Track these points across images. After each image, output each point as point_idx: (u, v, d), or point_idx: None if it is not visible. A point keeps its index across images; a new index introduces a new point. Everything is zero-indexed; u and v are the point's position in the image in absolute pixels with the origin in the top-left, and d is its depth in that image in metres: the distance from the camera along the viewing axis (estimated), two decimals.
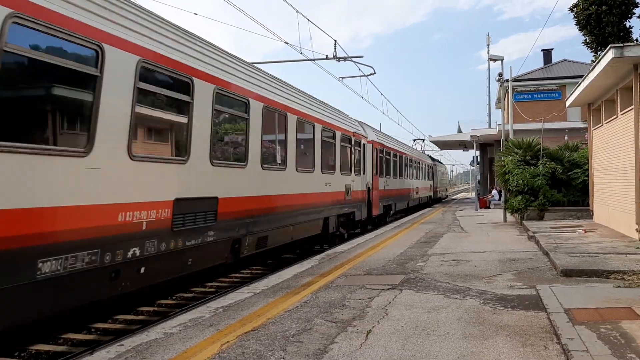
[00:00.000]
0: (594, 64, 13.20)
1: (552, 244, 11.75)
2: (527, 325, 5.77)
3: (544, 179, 19.55)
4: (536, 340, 5.24)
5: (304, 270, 9.81)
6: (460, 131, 43.91)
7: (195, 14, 18.02)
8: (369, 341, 5.37)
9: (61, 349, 6.99)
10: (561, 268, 8.75)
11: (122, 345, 5.40)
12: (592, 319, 5.82)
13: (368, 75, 23.82)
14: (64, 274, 5.68)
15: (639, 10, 27.57)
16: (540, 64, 40.54)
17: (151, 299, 9.25)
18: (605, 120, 15.37)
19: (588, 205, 18.50)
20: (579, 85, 15.40)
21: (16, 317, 5.57)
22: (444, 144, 48.82)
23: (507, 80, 23.95)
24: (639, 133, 11.58)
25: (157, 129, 8.10)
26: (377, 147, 21.85)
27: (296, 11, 17.33)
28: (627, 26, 27.19)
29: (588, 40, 27.89)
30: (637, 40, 26.78)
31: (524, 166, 20.40)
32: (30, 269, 5.30)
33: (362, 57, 21.34)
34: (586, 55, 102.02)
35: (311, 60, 20.56)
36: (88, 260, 6.00)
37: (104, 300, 7.38)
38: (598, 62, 12.50)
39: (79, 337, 7.43)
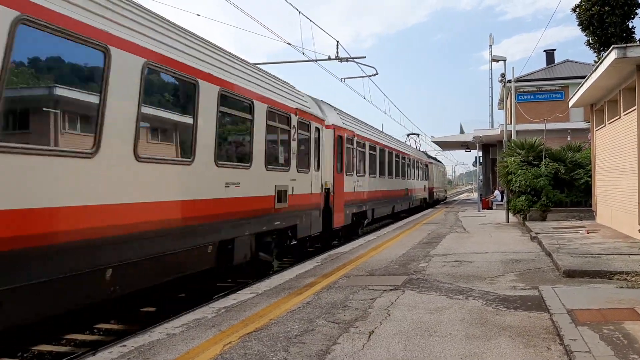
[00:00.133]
0: (597, 64, 13.19)
1: (555, 244, 11.74)
2: (529, 326, 5.76)
3: (546, 179, 19.52)
4: (539, 341, 5.23)
5: (306, 271, 9.82)
6: (462, 132, 43.90)
7: (198, 14, 18.04)
8: (372, 342, 5.36)
9: (64, 349, 7.01)
10: (564, 269, 8.73)
11: (125, 346, 5.41)
12: (595, 319, 5.81)
13: (370, 76, 23.80)
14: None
15: None
16: (543, 64, 40.48)
17: (153, 299, 9.26)
18: (608, 121, 15.34)
19: (591, 206, 18.47)
20: (581, 86, 15.38)
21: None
22: (446, 145, 48.79)
23: (509, 81, 23.94)
24: None
25: None
26: (344, 135, 16.56)
27: (298, 11, 17.35)
28: (630, 27, 27.16)
29: (591, 41, 27.85)
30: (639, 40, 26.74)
31: (526, 167, 20.38)
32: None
33: (364, 57, 21.31)
34: (589, 55, 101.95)
35: (313, 60, 20.56)
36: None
37: (101, 303, 7.37)
38: (601, 63, 12.48)
39: (81, 337, 7.45)
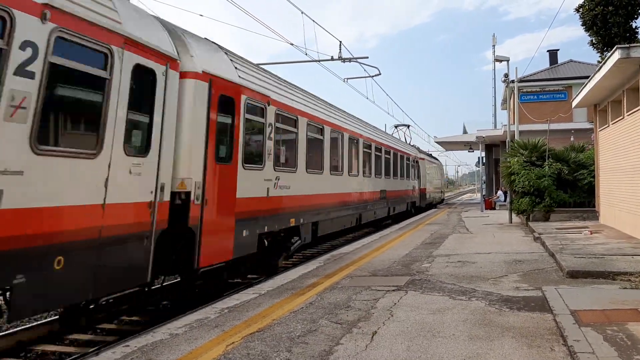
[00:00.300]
0: (600, 64, 13.17)
1: (558, 245, 11.71)
2: (533, 327, 5.74)
3: (549, 180, 19.49)
4: (542, 342, 5.22)
5: (309, 272, 9.82)
6: (465, 132, 43.80)
7: (201, 15, 18.07)
8: (375, 342, 5.36)
9: (67, 349, 7.02)
10: (567, 269, 8.71)
11: (128, 346, 5.41)
12: (599, 320, 5.79)
13: (373, 76, 23.78)
14: None
15: None
16: (546, 64, 40.39)
17: (155, 299, 9.26)
18: (611, 121, 15.31)
19: (594, 207, 18.43)
20: (585, 86, 15.35)
21: None
22: (449, 145, 48.71)
23: (512, 81, 23.89)
24: None
25: None
26: (239, 97, 9.51)
27: (301, 12, 17.37)
28: (634, 27, 27.07)
29: (594, 41, 27.78)
30: None
31: (529, 167, 20.34)
32: None
33: (367, 57, 21.29)
34: (592, 55, 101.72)
35: (316, 61, 20.57)
36: None
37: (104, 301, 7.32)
38: (604, 63, 12.46)
39: (84, 337, 7.46)
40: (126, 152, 6.54)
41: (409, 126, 36.03)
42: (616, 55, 11.19)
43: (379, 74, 23.33)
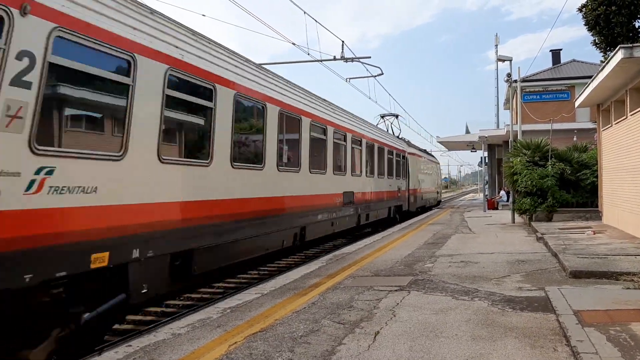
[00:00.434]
0: (603, 64, 13.14)
1: (561, 245, 11.69)
2: (536, 327, 5.73)
3: (552, 179, 19.44)
4: (545, 342, 5.21)
5: (311, 272, 9.81)
6: (468, 132, 43.79)
7: (203, 15, 18.07)
8: (377, 343, 5.35)
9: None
10: (570, 269, 8.69)
11: (130, 346, 5.42)
12: (602, 320, 5.78)
13: (376, 76, 23.77)
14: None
15: None
16: (549, 64, 40.39)
17: (158, 299, 9.28)
18: (614, 121, 15.27)
19: (597, 207, 18.39)
20: (588, 86, 15.32)
21: None
22: (452, 145, 48.71)
23: (515, 81, 23.86)
24: None
25: None
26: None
27: (303, 12, 17.37)
28: (637, 26, 26.99)
29: (597, 41, 27.70)
30: None
31: (532, 167, 20.30)
32: None
33: (369, 57, 21.31)
34: (595, 55, 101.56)
35: (318, 61, 20.57)
36: None
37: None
38: (607, 63, 12.43)
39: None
40: None
41: (397, 116, 29.63)
42: (619, 55, 11.16)
43: (382, 73, 23.32)
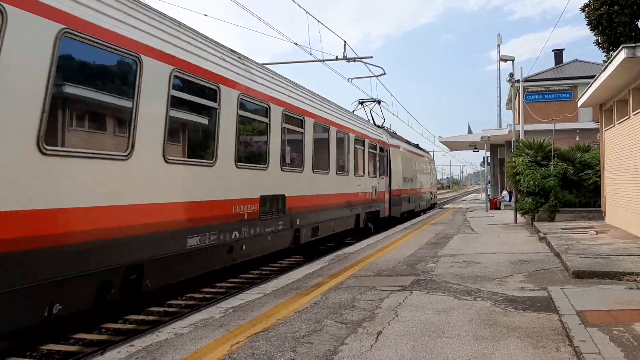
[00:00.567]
0: (606, 64, 13.11)
1: (564, 245, 11.67)
2: (538, 327, 5.72)
3: (555, 179, 19.42)
4: (548, 342, 5.20)
5: (313, 271, 9.81)
6: (470, 132, 43.76)
7: (205, 15, 18.09)
8: (379, 342, 5.35)
9: (72, 348, 7.03)
10: (573, 269, 8.68)
11: (133, 346, 5.42)
12: (605, 321, 5.77)
13: (378, 76, 23.74)
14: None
15: None
16: (551, 64, 40.29)
17: (161, 299, 9.29)
18: (617, 121, 15.25)
19: (599, 207, 18.36)
20: (590, 86, 15.29)
21: None
22: (454, 145, 48.67)
23: (517, 81, 23.84)
24: None
25: None
26: None
27: (306, 12, 17.39)
28: (639, 26, 26.95)
29: (599, 41, 27.63)
30: None
31: (534, 167, 20.27)
32: None
33: (372, 57, 21.29)
34: (597, 55, 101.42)
35: (321, 61, 20.57)
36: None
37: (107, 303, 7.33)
38: (610, 63, 12.41)
39: (89, 337, 7.47)
40: None
41: (380, 102, 25.03)
42: (622, 55, 11.15)
43: (384, 73, 23.31)
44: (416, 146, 31.64)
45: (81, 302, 6.45)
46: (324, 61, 20.63)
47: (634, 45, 11.17)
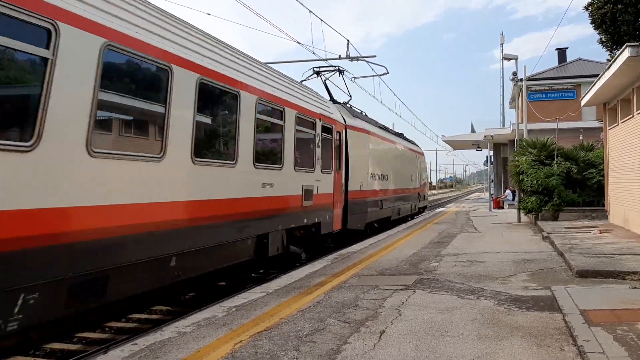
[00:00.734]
0: (610, 63, 13.07)
1: (567, 244, 11.64)
2: (542, 327, 5.71)
3: (558, 179, 19.37)
4: (552, 342, 5.18)
5: (316, 271, 9.81)
6: (473, 131, 43.61)
7: (209, 14, 18.12)
8: (383, 342, 5.34)
9: (75, 347, 7.05)
10: (576, 269, 8.66)
11: (136, 345, 5.42)
12: (609, 320, 5.75)
13: (381, 75, 23.68)
14: None
15: None
16: (554, 63, 40.18)
17: (164, 299, 9.29)
18: (620, 120, 15.20)
19: (603, 206, 18.31)
20: (594, 85, 15.25)
21: None
22: (457, 144, 48.57)
23: (521, 80, 23.79)
24: None
25: None
26: None
27: (309, 11, 17.37)
28: None
29: (603, 39, 27.55)
30: None
31: (538, 166, 20.24)
32: None
33: (374, 56, 21.26)
34: (601, 54, 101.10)
35: (324, 60, 20.54)
36: None
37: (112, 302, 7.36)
38: (614, 61, 12.38)
39: (93, 336, 7.49)
40: None
41: (341, 71, 18.77)
42: (626, 54, 11.11)
43: (387, 72, 23.23)
44: (399, 135, 25.52)
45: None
46: (326, 60, 20.59)
47: (638, 44, 11.13)
